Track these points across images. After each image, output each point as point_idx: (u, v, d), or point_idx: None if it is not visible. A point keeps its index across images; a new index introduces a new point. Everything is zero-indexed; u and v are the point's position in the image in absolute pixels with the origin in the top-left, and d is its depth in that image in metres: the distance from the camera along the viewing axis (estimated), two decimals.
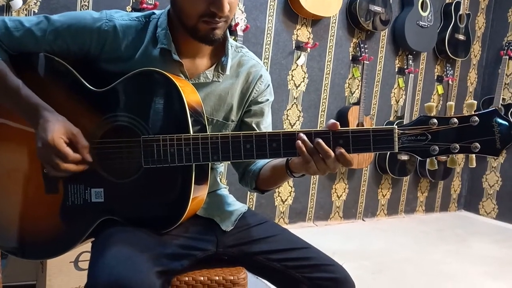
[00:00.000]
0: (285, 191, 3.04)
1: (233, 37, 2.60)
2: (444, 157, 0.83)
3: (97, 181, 0.90)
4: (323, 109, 3.11)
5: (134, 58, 0.95)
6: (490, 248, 3.10)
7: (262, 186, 1.07)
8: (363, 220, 3.50)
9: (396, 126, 0.82)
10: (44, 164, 0.87)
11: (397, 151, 0.81)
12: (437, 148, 0.81)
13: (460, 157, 0.90)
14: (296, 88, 2.98)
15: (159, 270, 0.81)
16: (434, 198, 3.98)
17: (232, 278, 0.97)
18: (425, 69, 3.64)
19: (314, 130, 0.83)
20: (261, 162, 1.07)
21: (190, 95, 0.90)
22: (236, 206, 1.13)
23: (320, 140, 0.82)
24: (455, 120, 0.80)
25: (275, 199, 3.02)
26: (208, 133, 0.86)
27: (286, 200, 3.06)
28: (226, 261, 1.05)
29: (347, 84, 3.21)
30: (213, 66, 1.02)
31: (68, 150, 0.84)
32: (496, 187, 3.90)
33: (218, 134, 0.85)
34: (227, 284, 0.97)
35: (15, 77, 0.88)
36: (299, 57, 2.95)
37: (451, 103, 0.84)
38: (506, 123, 0.79)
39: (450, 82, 3.67)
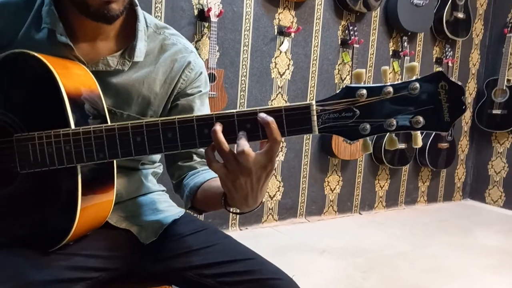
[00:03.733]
0: (272, 186, 2.88)
1: (207, 24, 2.43)
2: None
3: None
4: (311, 98, 2.93)
5: (14, 44, 0.79)
6: (495, 238, 2.91)
7: (199, 206, 0.91)
8: (359, 213, 3.32)
9: (313, 102, 0.64)
10: None
11: (317, 133, 0.64)
12: (368, 126, 0.63)
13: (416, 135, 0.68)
14: (281, 77, 2.80)
15: None
16: (437, 188, 3.77)
17: None
18: (422, 51, 3.41)
19: (215, 113, 0.66)
20: (199, 178, 0.91)
21: (78, 82, 0.74)
22: (167, 213, 0.96)
23: (217, 127, 0.65)
24: (389, 89, 0.62)
25: None
26: (89, 126, 0.69)
27: (274, 195, 2.90)
28: (149, 279, 0.89)
29: (337, 70, 3.01)
30: (119, 52, 0.86)
31: None
32: (502, 173, 3.68)
33: (102, 126, 0.68)
34: None
35: None
36: (282, 43, 2.76)
37: (385, 67, 0.66)
38: (456, 88, 0.61)
39: (450, 64, 3.44)
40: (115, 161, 0.77)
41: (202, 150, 0.94)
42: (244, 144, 0.64)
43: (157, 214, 0.96)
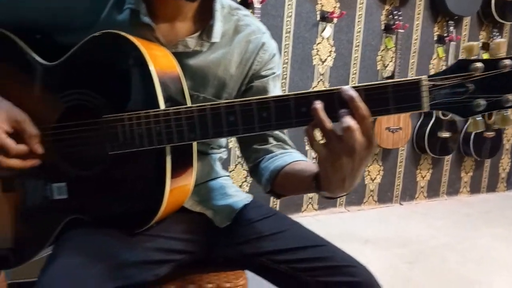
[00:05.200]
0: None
1: (250, 10, 2.40)
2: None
3: (58, 174, 0.75)
4: (353, 85, 2.85)
5: (96, 25, 0.78)
6: None
7: (279, 191, 0.88)
8: (400, 204, 3.25)
9: (424, 77, 0.60)
10: None
11: (427, 109, 0.60)
12: (483, 102, 0.59)
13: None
14: (322, 64, 2.74)
15: (118, 286, 0.66)
16: (480, 178, 3.64)
17: (228, 285, 0.81)
18: (468, 36, 3.27)
19: (313, 91, 0.63)
20: (279, 162, 0.88)
21: (162, 63, 0.73)
22: (237, 198, 0.95)
23: (319, 105, 0.62)
24: (507, 62, 0.57)
25: None
26: (181, 106, 0.67)
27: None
28: (223, 265, 0.88)
29: (380, 57, 2.93)
30: (197, 33, 0.84)
31: (8, 142, 0.69)
32: None
33: (193, 107, 0.67)
34: None
35: None
36: (324, 29, 2.69)
37: (501, 39, 0.61)
38: None
39: None
40: (195, 144, 0.76)
41: (278, 133, 0.93)
42: (348, 121, 0.61)
43: (227, 198, 0.94)
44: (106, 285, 0.65)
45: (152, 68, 0.69)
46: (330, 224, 2.72)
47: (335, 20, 2.71)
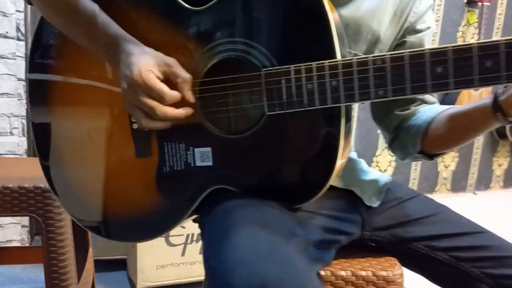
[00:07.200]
0: (383, 160, 2.67)
1: None
2: None
3: (203, 138, 0.64)
4: None
5: None
6: None
7: (432, 146, 0.75)
8: (474, 193, 3.02)
9: None
10: (133, 114, 0.62)
11: None
12: None
13: None
14: None
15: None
16: None
17: (385, 274, 0.69)
18: None
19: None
20: (426, 114, 0.75)
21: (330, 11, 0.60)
22: (376, 174, 0.83)
23: None
24: None
25: None
26: (365, 56, 0.55)
27: (385, 170, 2.70)
28: (369, 249, 0.76)
29: (460, 33, 2.69)
30: None
31: (164, 87, 0.58)
32: None
33: (386, 55, 0.54)
34: (378, 282, 0.68)
35: (90, 0, 0.65)
36: None
37: None
38: None
39: None
40: (356, 107, 0.64)
41: (430, 97, 0.80)
42: None
43: (366, 174, 0.82)
44: (313, 268, 0.54)
45: (329, 14, 0.56)
46: None
47: None
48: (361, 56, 0.55)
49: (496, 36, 2.82)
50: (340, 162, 0.60)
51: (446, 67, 0.52)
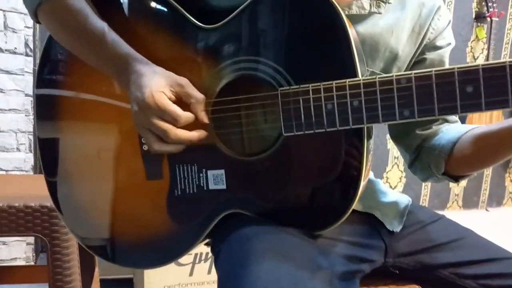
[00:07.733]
0: (393, 176, 2.63)
1: None
2: None
3: (216, 160, 0.61)
4: None
5: None
6: None
7: (458, 167, 0.71)
8: (486, 210, 2.96)
9: None
10: (144, 137, 0.60)
11: None
12: None
13: None
14: None
15: None
16: None
17: None
18: None
19: None
20: (450, 134, 0.72)
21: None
22: (395, 196, 0.79)
23: None
24: None
25: None
26: (388, 74, 0.52)
27: (395, 186, 2.65)
28: (392, 276, 0.72)
29: (469, 48, 2.67)
30: None
31: (177, 108, 0.56)
32: None
33: (411, 74, 0.51)
34: None
35: (98, 19, 0.63)
36: None
37: None
38: None
39: None
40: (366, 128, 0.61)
41: (452, 115, 0.77)
42: None
43: (387, 196, 0.79)
44: None
45: (349, 31, 0.54)
46: None
47: None
48: (384, 75, 0.53)
49: (506, 51, 2.79)
50: (363, 183, 0.57)
51: (478, 86, 0.50)
